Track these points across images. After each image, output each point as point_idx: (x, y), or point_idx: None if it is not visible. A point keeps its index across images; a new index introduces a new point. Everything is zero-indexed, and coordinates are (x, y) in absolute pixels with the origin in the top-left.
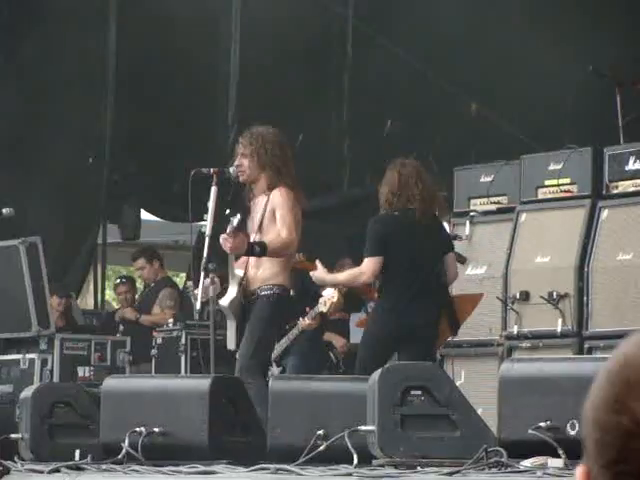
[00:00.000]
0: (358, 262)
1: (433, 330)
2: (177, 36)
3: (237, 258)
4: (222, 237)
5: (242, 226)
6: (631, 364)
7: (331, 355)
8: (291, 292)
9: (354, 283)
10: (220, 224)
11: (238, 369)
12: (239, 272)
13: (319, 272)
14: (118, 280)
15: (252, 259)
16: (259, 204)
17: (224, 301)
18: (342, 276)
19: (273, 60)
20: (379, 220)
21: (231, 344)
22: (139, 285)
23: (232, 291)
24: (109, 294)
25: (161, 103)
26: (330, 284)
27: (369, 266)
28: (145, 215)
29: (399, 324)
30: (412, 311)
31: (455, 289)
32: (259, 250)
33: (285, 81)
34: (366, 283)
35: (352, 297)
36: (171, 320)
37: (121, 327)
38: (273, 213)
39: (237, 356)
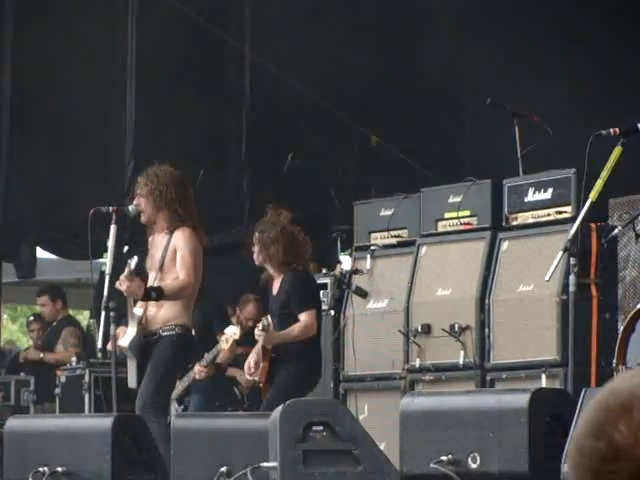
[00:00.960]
0: (262, 296)
1: None
2: (71, 73)
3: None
4: (120, 279)
5: (140, 267)
6: (613, 392)
7: (235, 391)
8: (192, 332)
9: (306, 336)
10: (120, 262)
11: (140, 407)
12: (138, 311)
13: (270, 334)
14: (31, 317)
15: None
16: (159, 243)
17: (124, 341)
18: (295, 332)
19: (169, 94)
20: (308, 275)
21: (132, 383)
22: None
23: (131, 331)
24: (10, 332)
25: (57, 139)
26: (283, 342)
27: (312, 318)
28: (46, 254)
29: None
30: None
31: (357, 324)
32: (155, 295)
33: (183, 115)
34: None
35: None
36: (74, 359)
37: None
38: (174, 253)
39: (138, 395)
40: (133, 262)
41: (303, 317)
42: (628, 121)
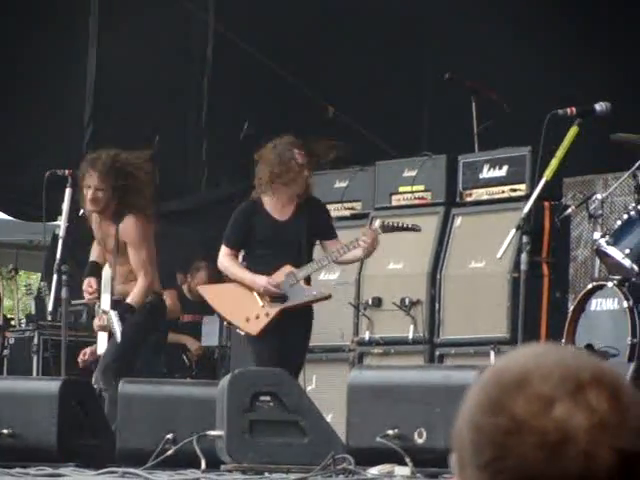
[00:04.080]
0: (214, 263)
1: None
2: (33, 32)
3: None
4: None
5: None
6: (504, 370)
7: (184, 358)
8: (163, 297)
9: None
10: (74, 225)
11: (101, 369)
12: (105, 304)
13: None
14: None
15: (118, 274)
16: (109, 229)
17: (105, 304)
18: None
19: (130, 60)
20: None
21: (101, 349)
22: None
23: (106, 297)
24: None
25: (16, 102)
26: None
27: None
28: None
29: None
30: None
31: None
32: (130, 312)
33: (143, 81)
34: None
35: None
36: (23, 320)
37: None
38: (125, 244)
39: (102, 356)
40: (114, 320)
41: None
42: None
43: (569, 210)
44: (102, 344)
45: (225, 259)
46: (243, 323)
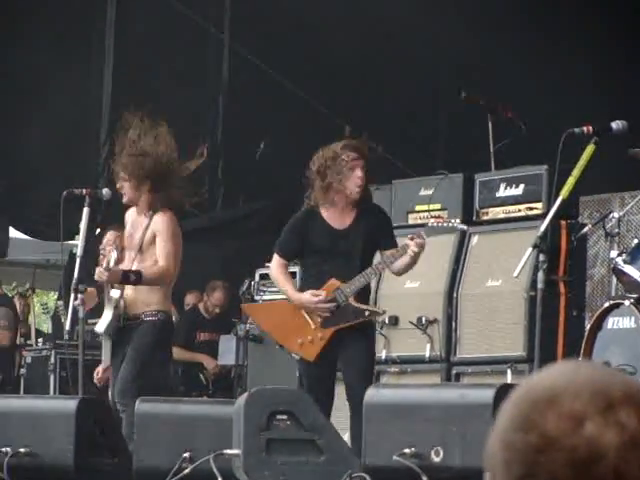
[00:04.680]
0: (231, 282)
1: None
2: (50, 50)
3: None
4: (98, 270)
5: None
6: (535, 388)
7: (201, 377)
8: (173, 318)
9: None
10: (91, 244)
11: (119, 392)
12: (115, 293)
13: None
14: None
15: (136, 266)
16: (140, 223)
17: (100, 327)
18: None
19: (146, 77)
20: None
21: (107, 361)
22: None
23: (107, 315)
24: None
25: (33, 120)
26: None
27: None
28: (16, 233)
29: None
30: None
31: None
32: (134, 278)
33: (159, 99)
34: None
35: (223, 318)
36: (40, 340)
37: None
38: (153, 236)
39: (117, 379)
40: (112, 258)
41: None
42: (601, 120)
43: (586, 229)
44: (107, 355)
45: (275, 268)
46: (297, 347)
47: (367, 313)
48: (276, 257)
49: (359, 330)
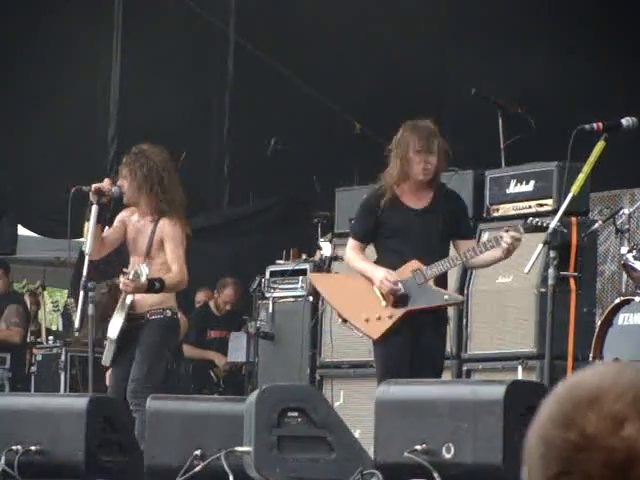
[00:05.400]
0: (241, 280)
1: None
2: (58, 51)
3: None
4: (123, 282)
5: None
6: (578, 386)
7: (211, 374)
8: (179, 315)
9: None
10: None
11: (132, 392)
12: (129, 299)
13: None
14: None
15: None
16: (144, 228)
17: (112, 332)
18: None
19: (153, 76)
20: None
21: (106, 361)
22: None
23: (118, 321)
24: None
25: (40, 118)
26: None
27: None
28: (26, 231)
29: None
30: None
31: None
32: (159, 286)
33: (166, 98)
34: None
35: (234, 315)
36: (51, 337)
37: None
38: (161, 242)
39: (130, 379)
40: (144, 271)
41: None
42: (611, 117)
43: (596, 225)
44: (108, 355)
45: (350, 251)
46: (362, 323)
47: (446, 297)
48: (351, 241)
49: (434, 315)
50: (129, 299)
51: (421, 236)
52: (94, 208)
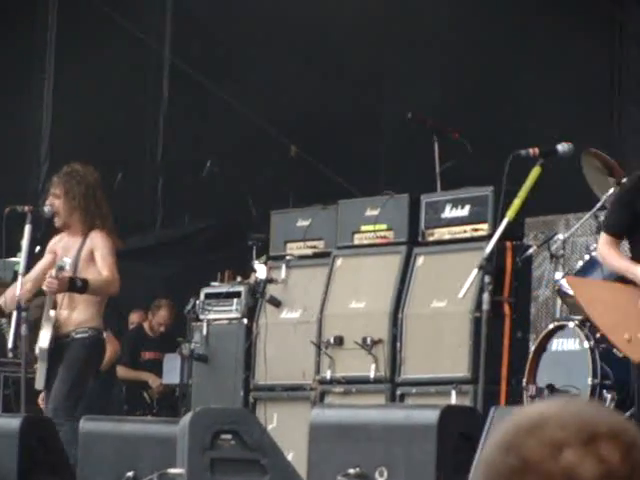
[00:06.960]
0: (175, 301)
1: None
2: None
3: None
4: (48, 280)
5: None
6: (524, 414)
7: (145, 395)
8: (104, 335)
9: None
10: (33, 262)
11: (52, 411)
12: (53, 313)
13: None
14: None
15: (65, 301)
16: (71, 245)
17: (43, 343)
18: None
19: (89, 95)
20: None
21: (40, 384)
22: None
23: (46, 334)
24: None
25: None
26: None
27: None
28: None
29: None
30: None
31: (270, 333)
32: (80, 284)
33: (99, 117)
34: None
35: (168, 337)
36: None
37: None
38: (91, 254)
39: (50, 398)
40: (67, 261)
41: None
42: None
43: (531, 250)
44: (40, 378)
45: (603, 247)
46: (623, 343)
47: None
48: (603, 236)
49: None
50: (53, 313)
51: None
52: (27, 228)
